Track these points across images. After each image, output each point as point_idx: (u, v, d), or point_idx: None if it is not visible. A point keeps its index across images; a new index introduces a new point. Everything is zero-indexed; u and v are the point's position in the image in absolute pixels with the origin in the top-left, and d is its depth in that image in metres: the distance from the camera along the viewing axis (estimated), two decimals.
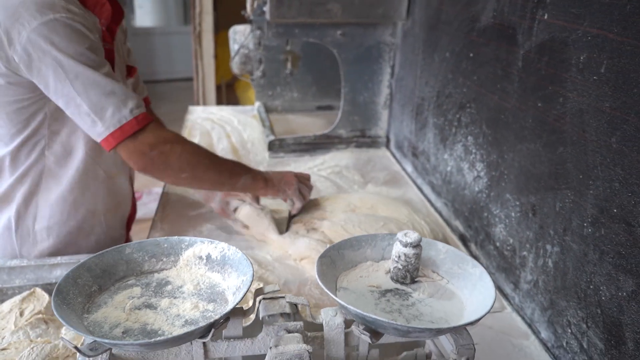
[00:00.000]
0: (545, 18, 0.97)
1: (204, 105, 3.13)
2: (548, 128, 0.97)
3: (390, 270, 0.80)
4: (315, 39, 1.79)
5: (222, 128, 2.14)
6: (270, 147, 1.88)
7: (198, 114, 2.33)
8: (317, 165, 1.81)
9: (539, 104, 1.00)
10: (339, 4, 1.67)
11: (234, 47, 2.36)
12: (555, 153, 0.95)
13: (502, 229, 1.15)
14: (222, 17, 4.41)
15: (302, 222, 1.31)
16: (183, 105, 2.65)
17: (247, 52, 2.32)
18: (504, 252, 1.15)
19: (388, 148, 1.99)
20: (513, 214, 1.10)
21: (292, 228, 1.31)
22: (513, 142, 1.10)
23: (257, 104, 2.34)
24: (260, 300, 0.76)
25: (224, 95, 5.08)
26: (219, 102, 4.64)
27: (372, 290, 0.78)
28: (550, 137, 0.96)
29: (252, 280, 0.70)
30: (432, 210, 1.53)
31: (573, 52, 0.89)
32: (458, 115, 1.36)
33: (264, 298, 0.76)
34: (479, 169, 1.25)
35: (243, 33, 2.34)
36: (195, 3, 3.89)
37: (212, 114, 2.33)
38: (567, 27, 0.91)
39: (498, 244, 1.17)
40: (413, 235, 0.76)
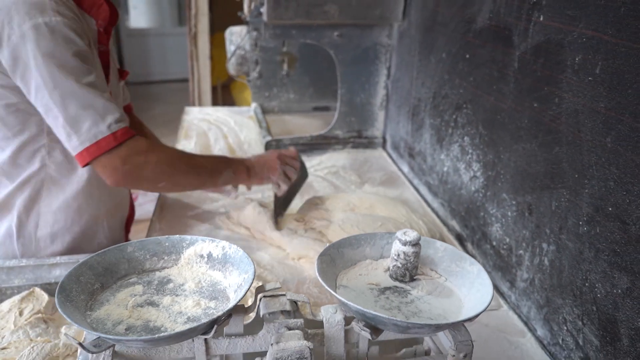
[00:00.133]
0: (541, 20, 0.98)
1: (200, 106, 3.13)
2: (544, 128, 0.98)
3: (390, 269, 0.81)
4: (312, 40, 1.80)
5: (218, 129, 2.15)
6: (267, 147, 1.89)
7: (194, 115, 2.33)
8: (314, 166, 1.82)
9: (535, 105, 1.01)
10: (336, 6, 1.68)
11: (231, 48, 2.37)
12: (551, 153, 0.96)
13: (498, 228, 1.17)
14: (217, 18, 4.42)
15: (300, 221, 1.32)
16: (177, 107, 2.66)
17: (243, 53, 2.33)
18: (501, 251, 1.16)
19: (384, 149, 2.00)
20: (509, 213, 1.12)
21: (290, 227, 1.32)
22: (509, 142, 1.11)
23: (253, 105, 2.35)
24: (261, 298, 0.76)
25: (220, 96, 5.08)
26: (215, 103, 4.64)
27: (371, 288, 0.78)
28: (546, 137, 0.98)
29: (253, 278, 0.71)
30: (428, 211, 1.54)
31: (568, 53, 0.91)
32: (454, 116, 1.37)
33: (265, 296, 0.77)
34: (476, 169, 1.27)
35: (239, 34, 2.35)
36: (191, 4, 3.89)
37: (208, 115, 2.33)
38: (562, 28, 0.92)
39: (494, 243, 1.19)
40: (412, 234, 0.77)
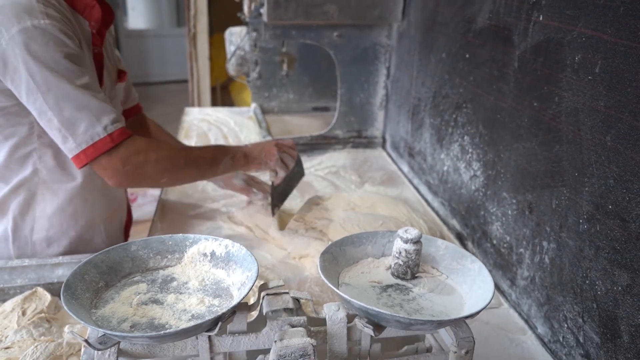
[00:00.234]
0: (541, 19, 0.99)
1: (199, 107, 3.14)
2: (544, 127, 0.99)
3: (391, 266, 0.81)
4: (312, 41, 1.81)
5: (218, 129, 2.15)
6: None
7: (194, 116, 2.34)
8: (314, 166, 1.83)
9: (535, 104, 1.02)
10: (336, 6, 1.69)
11: (230, 48, 2.37)
12: (551, 151, 0.97)
13: (498, 227, 1.17)
14: (215, 19, 4.42)
15: (301, 221, 1.33)
16: (176, 108, 2.66)
17: (243, 53, 2.34)
18: (501, 249, 1.17)
19: (384, 148, 2.01)
20: (510, 212, 1.12)
21: (292, 227, 1.32)
22: (509, 141, 1.12)
23: (253, 106, 2.36)
24: (264, 296, 0.77)
25: (219, 97, 5.08)
26: (214, 103, 4.64)
27: (373, 286, 0.79)
28: (546, 135, 0.98)
29: (257, 276, 0.71)
30: (429, 210, 1.55)
31: (568, 52, 0.91)
32: (454, 116, 1.38)
33: (268, 294, 0.77)
34: (476, 168, 1.27)
35: (239, 35, 2.35)
36: (190, 5, 3.90)
37: (208, 115, 2.34)
38: (562, 28, 0.93)
39: (495, 242, 1.19)
40: (413, 232, 0.78)
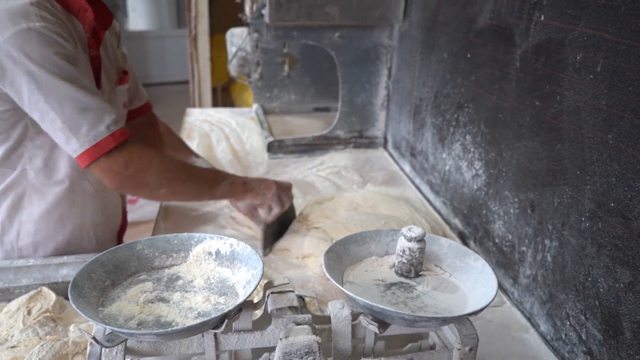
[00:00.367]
0: (542, 19, 1.00)
1: (201, 108, 3.15)
2: (545, 126, 1.00)
3: (395, 265, 0.82)
4: (314, 42, 1.81)
5: (220, 130, 2.16)
6: (270, 148, 1.90)
7: (196, 116, 2.34)
8: (316, 166, 1.83)
9: (537, 103, 1.02)
10: (337, 7, 1.69)
11: (232, 49, 2.38)
12: (553, 150, 0.97)
13: (500, 226, 1.18)
14: (215, 20, 4.42)
15: (304, 221, 1.33)
16: (177, 109, 2.66)
17: (244, 54, 2.34)
18: (503, 248, 1.17)
19: (385, 148, 2.01)
20: (512, 211, 1.13)
21: (294, 227, 1.33)
22: (511, 140, 1.12)
23: (254, 106, 2.36)
24: (269, 295, 0.78)
25: (220, 98, 5.09)
26: (215, 104, 4.65)
27: (377, 284, 0.80)
28: (548, 134, 0.99)
29: (262, 274, 0.72)
30: (431, 209, 1.55)
31: (569, 52, 0.92)
32: (456, 115, 1.39)
33: (273, 292, 0.78)
34: (478, 167, 1.28)
35: (240, 36, 2.36)
36: (191, 6, 3.91)
37: (210, 116, 2.34)
38: (563, 27, 0.93)
39: (497, 240, 1.20)
40: (417, 230, 0.78)
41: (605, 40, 0.83)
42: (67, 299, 1.05)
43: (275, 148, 1.91)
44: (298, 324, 0.74)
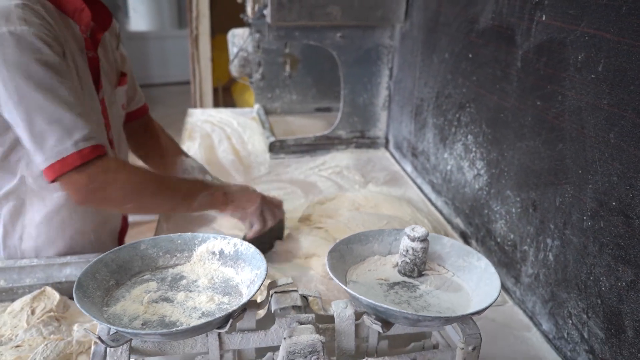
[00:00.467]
0: (544, 19, 1.00)
1: (202, 108, 3.15)
2: (547, 126, 1.00)
3: (398, 264, 0.82)
4: (315, 42, 1.82)
5: (222, 130, 2.16)
6: (271, 148, 1.91)
7: (197, 117, 2.35)
8: (318, 166, 1.84)
9: (538, 103, 1.03)
10: (339, 7, 1.70)
11: (233, 50, 2.38)
12: (555, 149, 0.98)
13: (502, 225, 1.18)
14: (217, 20, 4.43)
15: (307, 221, 1.33)
16: (178, 109, 2.66)
17: (246, 55, 2.35)
18: (505, 247, 1.17)
19: (387, 149, 2.02)
20: (513, 210, 1.13)
21: (297, 227, 1.33)
22: (513, 140, 1.13)
23: (256, 106, 2.37)
24: (272, 294, 0.78)
25: (221, 98, 5.09)
26: (216, 105, 4.65)
27: (380, 283, 0.80)
28: (550, 134, 0.99)
29: (266, 273, 0.72)
30: (432, 209, 1.55)
31: (571, 52, 0.92)
32: (458, 115, 1.39)
33: (276, 291, 0.78)
34: (479, 167, 1.28)
35: (242, 36, 2.36)
36: (192, 7, 3.91)
37: (211, 117, 2.35)
38: (564, 28, 0.94)
39: (499, 240, 1.20)
40: (420, 230, 0.79)
41: (607, 40, 0.83)
42: (70, 299, 1.06)
43: (277, 148, 1.91)
44: (302, 324, 0.74)
